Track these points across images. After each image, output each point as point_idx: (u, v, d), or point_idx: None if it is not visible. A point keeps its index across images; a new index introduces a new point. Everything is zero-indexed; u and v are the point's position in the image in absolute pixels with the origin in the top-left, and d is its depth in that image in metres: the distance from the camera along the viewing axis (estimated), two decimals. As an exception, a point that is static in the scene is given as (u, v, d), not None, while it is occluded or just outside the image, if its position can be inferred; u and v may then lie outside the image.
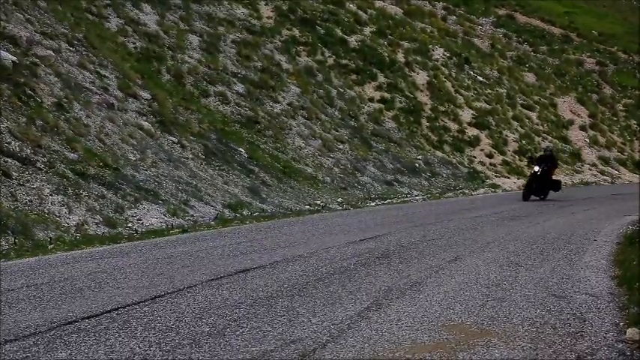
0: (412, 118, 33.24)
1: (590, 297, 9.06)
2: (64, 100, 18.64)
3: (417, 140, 32.06)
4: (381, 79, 34.35)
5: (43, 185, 15.16)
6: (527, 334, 7.33)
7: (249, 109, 26.44)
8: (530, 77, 43.42)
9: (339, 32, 35.69)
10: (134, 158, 18.76)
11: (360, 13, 38.97)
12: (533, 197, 25.10)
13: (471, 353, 6.69)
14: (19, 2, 20.97)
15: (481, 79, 39.91)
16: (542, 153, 28.48)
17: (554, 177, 26.34)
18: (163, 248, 12.61)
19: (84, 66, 20.93)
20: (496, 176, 32.68)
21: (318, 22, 35.63)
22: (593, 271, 10.98)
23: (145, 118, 21.20)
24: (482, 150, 34.10)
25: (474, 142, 34.31)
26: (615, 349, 6.98)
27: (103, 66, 21.78)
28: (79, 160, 16.84)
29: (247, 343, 6.77)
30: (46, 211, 14.59)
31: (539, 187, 25.39)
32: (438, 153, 32.09)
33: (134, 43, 25.86)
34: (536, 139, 37.53)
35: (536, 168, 25.48)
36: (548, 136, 38.42)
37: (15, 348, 6.50)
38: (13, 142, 15.70)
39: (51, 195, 15.05)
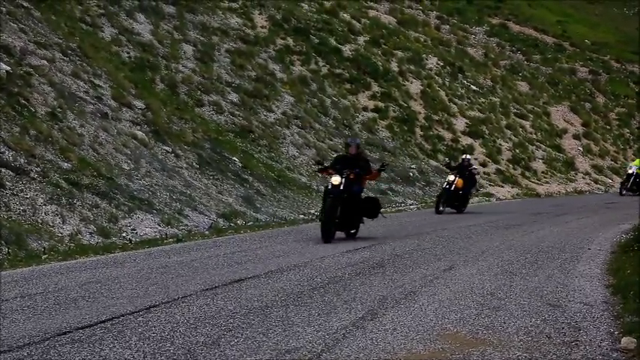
0: (406, 127, 33.29)
1: (584, 306, 9.07)
2: (58, 109, 18.63)
3: (411, 149, 32.10)
4: (375, 88, 34.40)
5: (36, 195, 15.13)
6: (522, 343, 7.33)
7: (243, 119, 26.45)
8: (523, 86, 43.53)
9: (332, 41, 35.74)
10: (128, 168, 18.74)
11: (354, 22, 39.04)
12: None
13: (466, 363, 6.68)
14: (13, 12, 20.96)
15: (475, 88, 40.00)
16: (343, 152, 17.80)
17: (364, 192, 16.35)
18: (157, 258, 12.59)
19: (78, 75, 20.92)
20: (490, 185, 32.73)
21: (312, 31, 35.68)
22: (587, 279, 10.99)
23: (138, 127, 21.18)
24: (476, 159, 34.12)
25: (468, 150, 34.33)
26: (610, 358, 6.98)
27: (97, 75, 21.77)
28: (73, 169, 16.82)
29: (242, 353, 6.75)
30: (40, 221, 14.56)
31: (345, 213, 14.90)
32: (432, 162, 32.13)
33: (128, 53, 25.86)
34: (530, 147, 37.63)
35: (336, 179, 14.87)
36: (542, 145, 38.51)
37: (9, 359, 6.47)
38: (6, 152, 15.67)
39: (45, 205, 15.02)
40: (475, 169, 25.25)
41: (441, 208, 22.92)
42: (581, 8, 57.62)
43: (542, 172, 36.23)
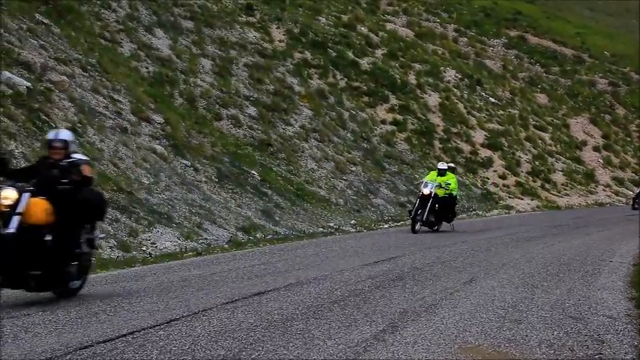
0: (424, 140, 33.25)
1: (607, 319, 8.99)
2: (78, 124, 18.73)
3: (429, 162, 32.01)
4: (393, 101, 34.39)
5: (57, 209, 15.17)
6: (544, 356, 7.27)
7: (262, 132, 26.49)
8: (542, 98, 43.38)
9: (350, 55, 35.79)
10: (148, 182, 18.80)
11: (372, 35, 39.09)
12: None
13: (488, 376, 6.63)
14: (34, 28, 21.13)
15: (493, 100, 39.90)
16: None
17: None
18: (178, 272, 12.61)
19: (97, 91, 21.04)
20: (509, 197, 32.59)
21: (330, 44, 35.74)
22: (609, 292, 10.90)
23: (158, 141, 21.26)
24: (495, 171, 34.04)
25: (487, 163, 34.25)
26: (634, 371, 6.92)
27: (116, 90, 21.89)
28: (93, 184, 16.86)
29: (263, 367, 6.73)
30: (61, 236, 14.59)
31: None
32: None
33: (147, 68, 25.99)
34: (549, 159, 37.45)
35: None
36: (561, 157, 38.32)
37: (31, 372, 6.48)
38: (27, 167, 15.75)
39: (65, 219, 15.05)
40: (82, 160, 10.48)
41: None
42: (600, 20, 57.44)
43: (562, 185, 36.06)
